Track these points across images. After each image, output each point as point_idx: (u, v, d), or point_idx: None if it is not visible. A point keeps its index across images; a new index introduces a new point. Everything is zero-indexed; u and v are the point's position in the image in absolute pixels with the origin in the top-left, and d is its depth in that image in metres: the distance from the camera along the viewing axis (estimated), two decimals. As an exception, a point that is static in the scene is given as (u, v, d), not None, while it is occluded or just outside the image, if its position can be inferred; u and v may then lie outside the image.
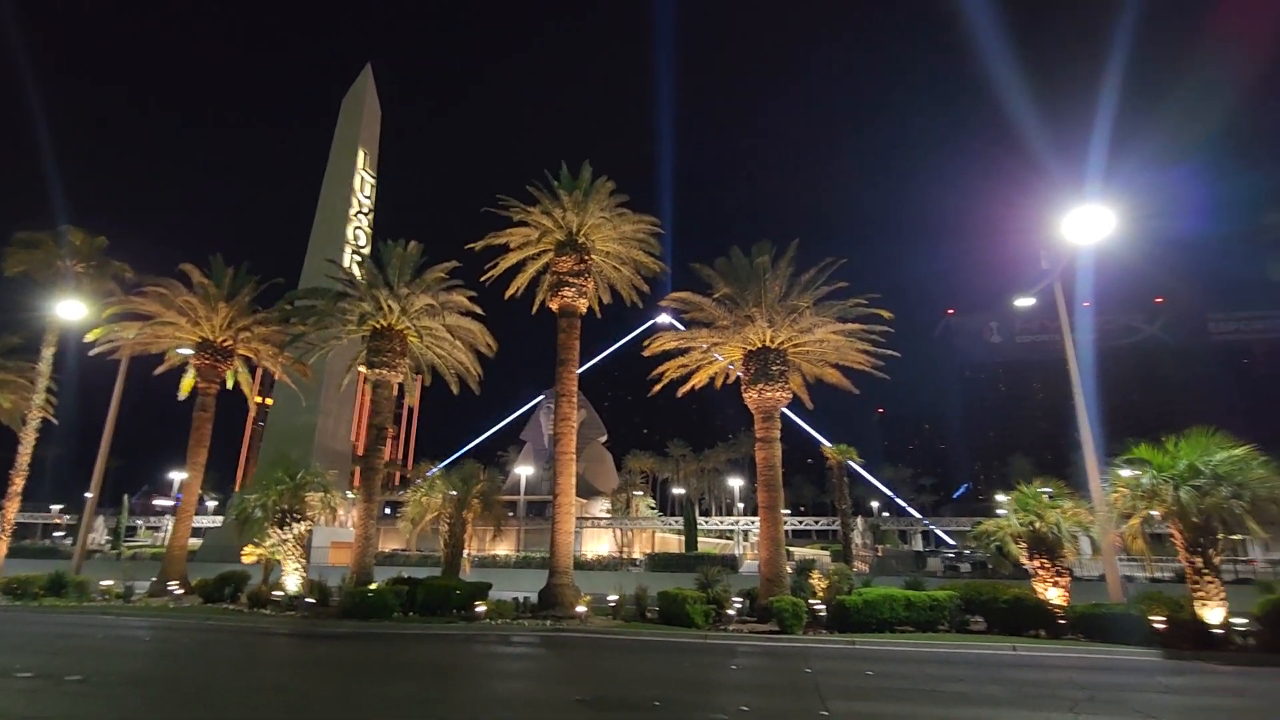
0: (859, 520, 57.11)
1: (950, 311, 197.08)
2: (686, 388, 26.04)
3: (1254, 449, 15.65)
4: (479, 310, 26.49)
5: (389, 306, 24.71)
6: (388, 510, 53.62)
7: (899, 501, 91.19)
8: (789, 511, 69.35)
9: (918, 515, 79.35)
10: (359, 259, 53.68)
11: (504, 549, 47.64)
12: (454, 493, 26.11)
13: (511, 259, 25.33)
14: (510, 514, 44.64)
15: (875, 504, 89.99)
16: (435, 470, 37.56)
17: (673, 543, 62.51)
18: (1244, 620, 15.30)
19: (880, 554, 51.86)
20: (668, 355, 25.09)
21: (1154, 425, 26.86)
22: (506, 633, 17.73)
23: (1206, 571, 15.48)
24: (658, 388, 26.02)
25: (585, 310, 24.98)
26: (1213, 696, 11.27)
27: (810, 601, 18.89)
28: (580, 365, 25.30)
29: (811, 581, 20.41)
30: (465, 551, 28.17)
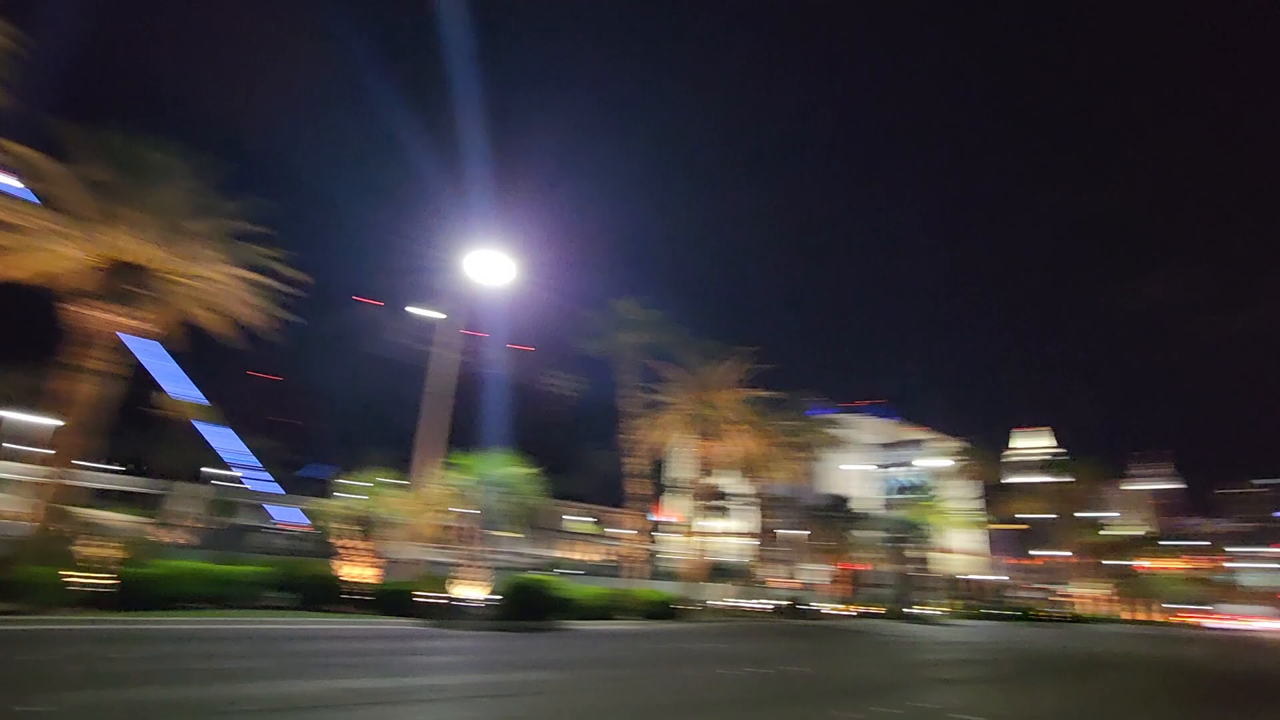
0: (191, 487, 50.67)
1: (361, 300, 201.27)
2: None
3: (533, 471, 21.18)
4: None
5: None
6: None
7: (249, 473, 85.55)
8: (108, 465, 56.09)
9: (272, 490, 75.98)
10: None
11: None
12: None
13: None
14: None
15: (223, 472, 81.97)
16: None
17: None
18: (498, 596, 20.16)
19: (208, 527, 47.03)
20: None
21: (486, 442, 33.30)
22: None
23: (474, 558, 19.82)
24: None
25: None
26: (448, 655, 14.19)
27: (85, 576, 15.55)
28: None
29: (90, 551, 16.89)
30: None
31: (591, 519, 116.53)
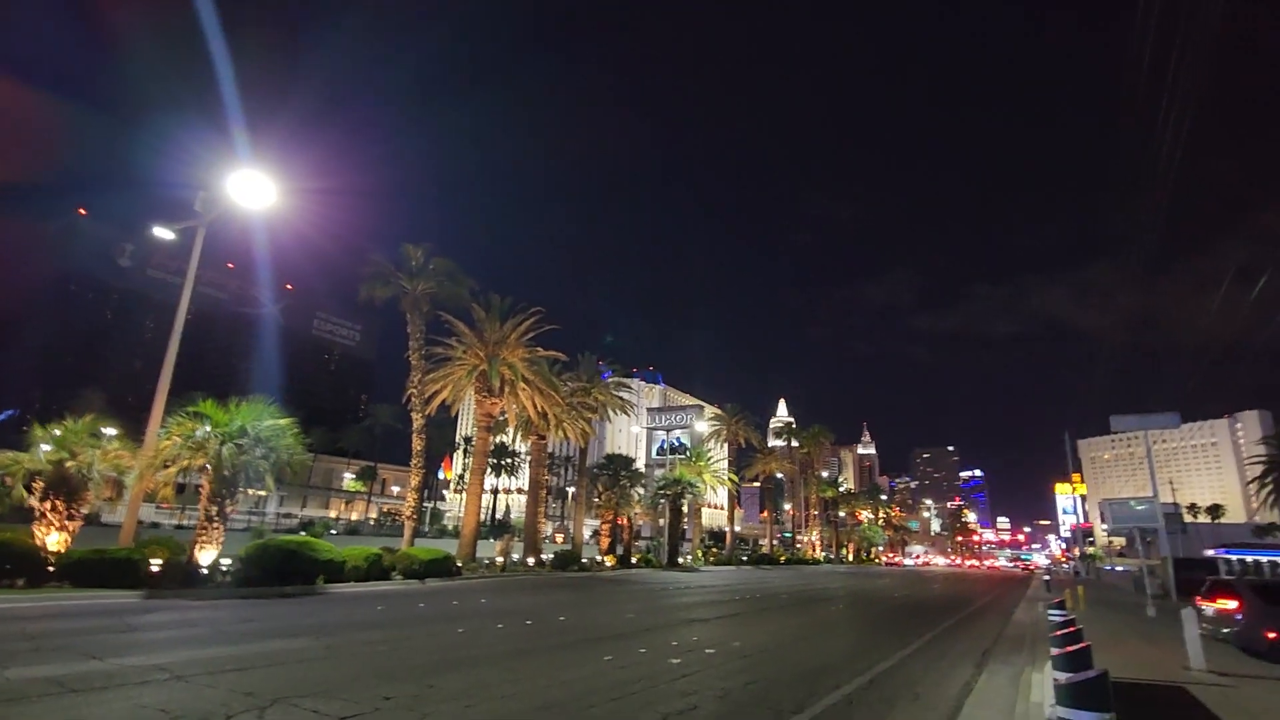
0: None
1: (82, 211, 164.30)
2: None
3: (294, 422, 19.07)
4: None
5: None
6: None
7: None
8: None
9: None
10: None
11: None
12: None
13: None
14: None
15: None
16: None
17: None
18: (231, 561, 17.92)
19: None
20: None
21: (238, 389, 29.23)
22: None
23: (217, 519, 17.46)
24: None
25: None
26: (179, 629, 12.36)
27: None
28: None
29: None
30: None
31: (359, 476, 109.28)
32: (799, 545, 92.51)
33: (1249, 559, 40.25)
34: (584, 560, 38.62)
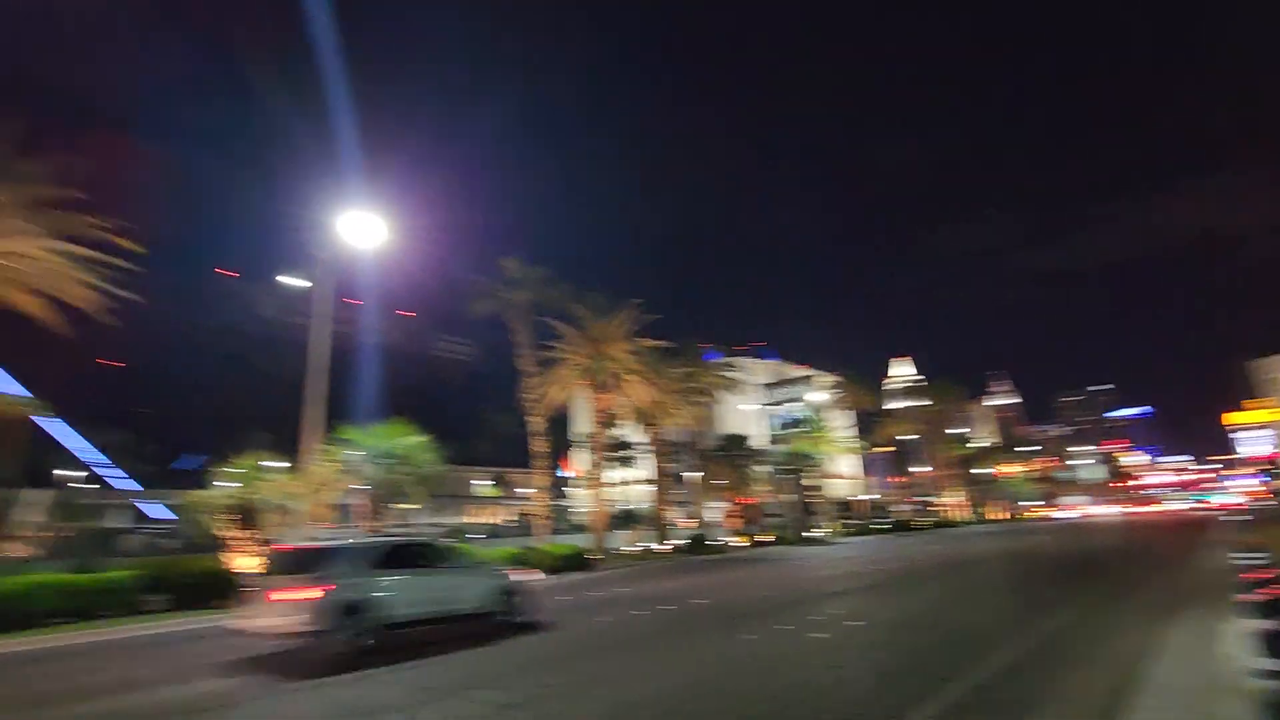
0: (33, 494, 45.27)
1: (223, 272, 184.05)
2: None
3: (430, 439, 20.51)
4: None
5: None
6: None
7: (108, 472, 77.36)
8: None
9: (133, 487, 69.24)
10: None
11: None
12: None
13: None
14: None
15: (75, 473, 73.55)
16: None
17: None
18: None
19: (57, 534, 42.35)
20: None
21: (374, 414, 31.78)
22: None
23: (378, 534, 19.07)
24: None
25: None
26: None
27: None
28: None
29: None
30: None
31: (495, 482, 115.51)
32: (937, 508, 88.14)
33: None
34: (714, 542, 38.80)
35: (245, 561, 19.11)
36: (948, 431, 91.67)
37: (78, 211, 18.23)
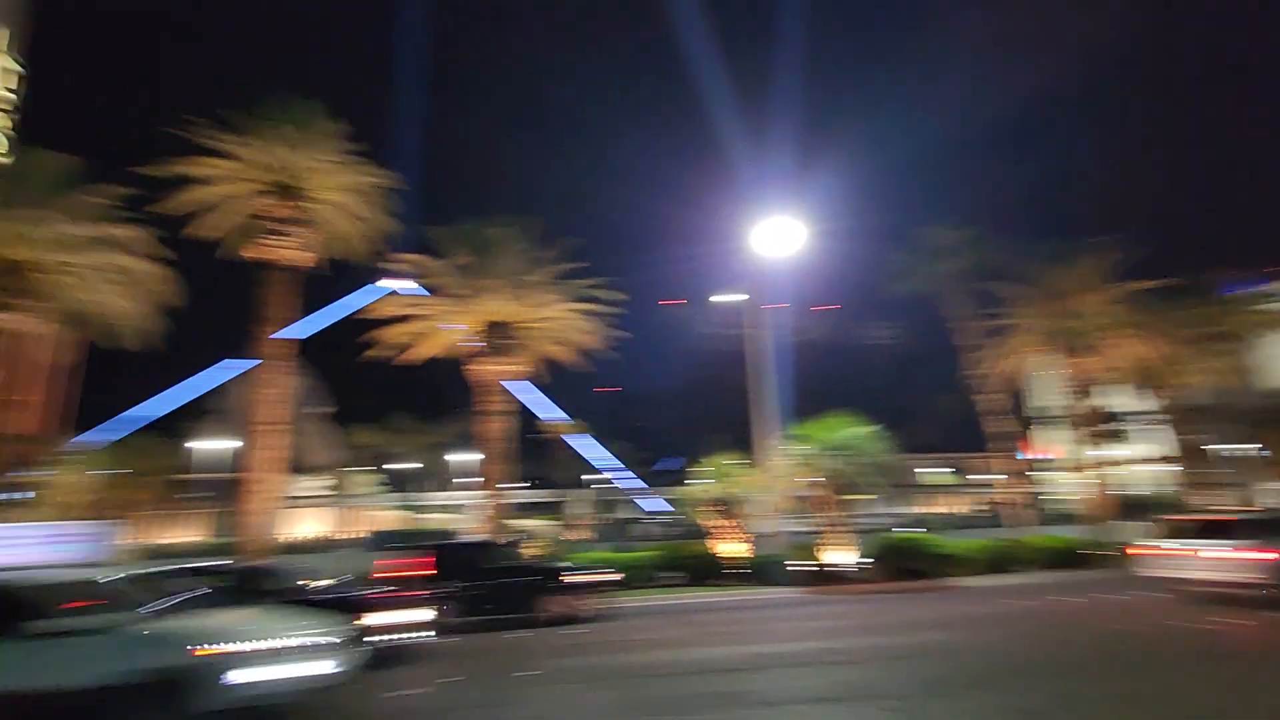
0: (580, 493, 60.65)
1: (670, 301, 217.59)
2: (410, 355, 24.60)
3: (878, 428, 20.30)
4: (159, 251, 21.57)
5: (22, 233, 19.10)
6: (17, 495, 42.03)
7: (617, 474, 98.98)
8: (519, 484, 70.69)
9: (638, 486, 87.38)
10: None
11: (194, 534, 40.92)
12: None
13: (203, 194, 21.08)
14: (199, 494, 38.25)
15: (597, 476, 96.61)
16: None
17: (397, 520, 60.48)
18: (869, 559, 19.86)
19: (599, 523, 55.83)
20: (392, 320, 23.53)
21: (820, 408, 32.95)
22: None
23: (840, 524, 19.70)
24: (371, 353, 24.12)
25: (300, 265, 21.89)
26: (832, 620, 14.31)
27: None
28: (296, 328, 22.34)
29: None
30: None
31: (948, 469, 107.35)
32: None
33: None
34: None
35: (727, 548, 21.85)
36: None
37: (578, 277, 23.87)
